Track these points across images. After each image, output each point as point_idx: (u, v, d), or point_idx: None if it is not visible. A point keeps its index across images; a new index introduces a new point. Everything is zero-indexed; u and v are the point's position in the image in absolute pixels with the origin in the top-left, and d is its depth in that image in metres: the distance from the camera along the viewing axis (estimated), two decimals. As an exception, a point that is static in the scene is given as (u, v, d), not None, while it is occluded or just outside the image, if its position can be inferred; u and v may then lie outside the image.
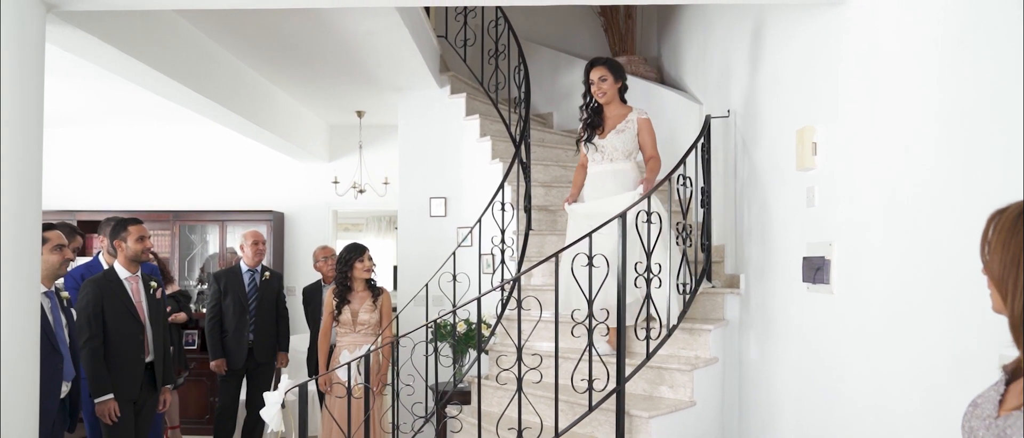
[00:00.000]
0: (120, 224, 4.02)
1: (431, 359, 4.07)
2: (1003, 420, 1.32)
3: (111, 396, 3.85)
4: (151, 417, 4.24)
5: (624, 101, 4.10)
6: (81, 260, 6.91)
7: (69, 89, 5.81)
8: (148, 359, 4.08)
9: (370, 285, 4.58)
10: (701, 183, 3.97)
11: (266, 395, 3.26)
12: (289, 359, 5.75)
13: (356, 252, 4.54)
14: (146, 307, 4.08)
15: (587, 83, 4.05)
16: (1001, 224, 1.33)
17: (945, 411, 2.18)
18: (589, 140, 4.09)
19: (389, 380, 4.28)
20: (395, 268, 11.82)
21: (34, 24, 2.82)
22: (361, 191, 7.32)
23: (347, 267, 4.50)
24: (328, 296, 4.63)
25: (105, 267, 4.41)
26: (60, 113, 6.63)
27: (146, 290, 4.09)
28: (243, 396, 5.58)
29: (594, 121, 4.09)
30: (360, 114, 6.95)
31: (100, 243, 4.70)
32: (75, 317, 3.89)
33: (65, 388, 3.71)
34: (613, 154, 4.02)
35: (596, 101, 4.05)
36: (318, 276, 5.82)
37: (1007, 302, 1.32)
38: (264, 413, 3.22)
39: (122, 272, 4.00)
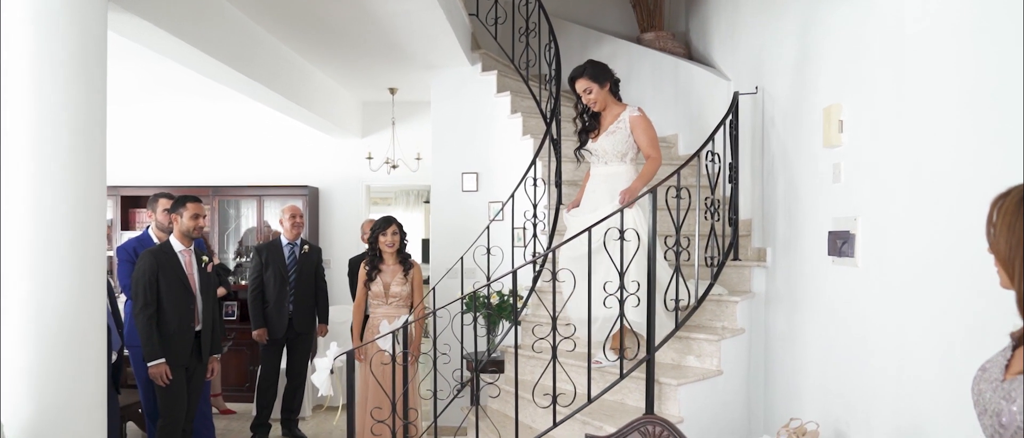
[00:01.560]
0: (179, 201, 4.24)
1: (467, 329, 4.23)
2: (1008, 383, 1.44)
3: (163, 360, 4.08)
4: (201, 383, 4.48)
5: (619, 99, 4.05)
6: (127, 234, 7.21)
7: (112, 69, 5.99)
8: (197, 328, 4.31)
9: (402, 258, 4.71)
10: (729, 159, 4.07)
11: (317, 361, 3.45)
12: (328, 329, 5.98)
13: (382, 226, 4.67)
14: (197, 279, 4.30)
15: (576, 95, 4.00)
16: (1005, 207, 1.43)
17: (961, 375, 2.30)
18: (583, 145, 4.07)
19: (426, 349, 4.47)
20: (424, 241, 12.09)
21: (97, 10, 2.99)
22: (394, 166, 7.48)
23: (375, 239, 4.66)
24: (361, 269, 4.80)
25: (155, 241, 4.64)
26: (104, 92, 6.84)
27: (198, 264, 4.31)
28: (283, 365, 5.82)
29: (591, 125, 4.03)
30: (393, 91, 7.09)
31: (149, 217, 4.91)
32: (130, 287, 4.13)
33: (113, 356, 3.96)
34: (605, 156, 3.97)
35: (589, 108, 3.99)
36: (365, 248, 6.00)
37: (1014, 280, 1.43)
38: (315, 378, 3.42)
39: (177, 245, 4.22)
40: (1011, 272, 1.43)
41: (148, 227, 4.88)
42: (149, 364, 4.08)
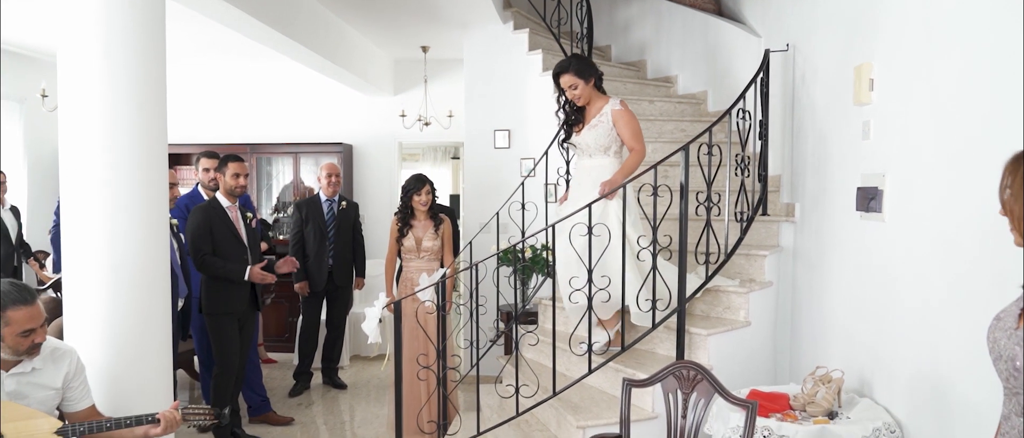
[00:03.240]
0: (223, 160, 4.43)
1: (502, 282, 4.40)
2: (1021, 331, 1.57)
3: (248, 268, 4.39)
4: (251, 333, 4.72)
5: (603, 92, 4.03)
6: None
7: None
8: (247, 276, 4.52)
9: (433, 213, 4.85)
10: (759, 116, 4.15)
11: (367, 310, 3.65)
12: (365, 282, 6.19)
13: (416, 185, 4.77)
14: (244, 234, 4.50)
15: (559, 89, 4.00)
16: (1020, 170, 1.53)
17: (981, 324, 2.41)
18: (567, 138, 4.09)
19: (464, 301, 4.65)
20: (452, 197, 12.26)
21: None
22: (426, 124, 7.61)
23: (408, 197, 4.80)
24: (392, 223, 4.95)
25: (204, 197, 4.85)
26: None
27: (243, 219, 4.51)
28: (323, 316, 6.06)
29: (575, 118, 4.03)
30: (425, 49, 7.18)
31: (195, 175, 5.11)
32: (185, 241, 4.35)
33: (179, 303, 4.20)
34: (589, 150, 3.97)
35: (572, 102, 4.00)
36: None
37: (1022, 233, 1.53)
38: (364, 326, 3.62)
39: (224, 202, 4.42)
40: (1021, 228, 1.53)
41: (197, 184, 5.08)
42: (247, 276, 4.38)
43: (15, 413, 2.45)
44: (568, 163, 4.81)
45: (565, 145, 4.14)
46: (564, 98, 4.01)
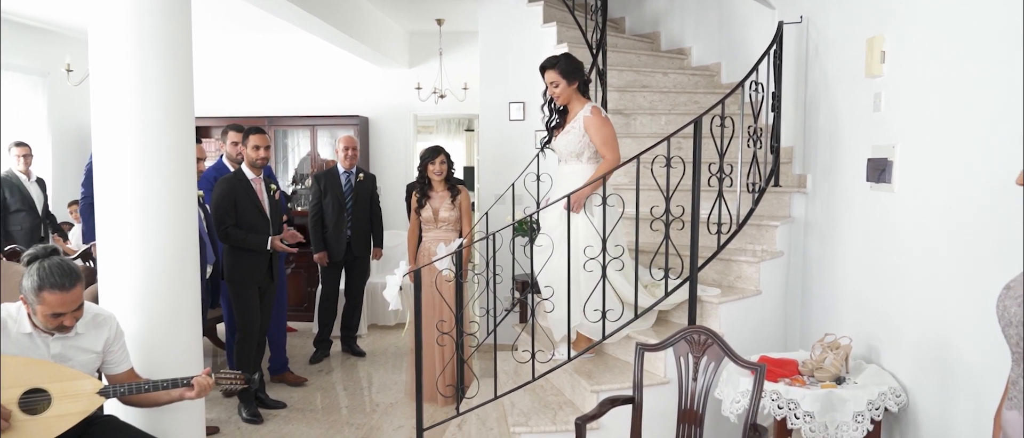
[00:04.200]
0: (246, 133, 4.54)
1: (518, 252, 4.50)
2: None
3: (270, 236, 4.55)
4: (272, 301, 4.86)
5: (586, 96, 3.99)
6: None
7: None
8: (269, 245, 4.65)
9: (449, 184, 4.94)
10: (772, 88, 4.20)
11: (387, 278, 3.77)
12: (382, 253, 6.32)
13: (430, 155, 4.87)
14: (267, 205, 4.62)
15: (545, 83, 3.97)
16: None
17: (986, 292, 2.51)
18: (549, 141, 4.06)
19: (480, 270, 4.76)
20: (466, 169, 12.36)
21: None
22: (442, 96, 7.68)
23: (424, 167, 4.90)
24: (413, 195, 5.06)
25: (230, 169, 4.96)
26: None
27: (267, 190, 4.63)
28: (342, 286, 6.20)
29: (560, 121, 4.00)
30: (440, 22, 7.24)
31: (219, 147, 5.22)
32: (210, 211, 4.48)
33: (208, 270, 4.33)
34: (562, 155, 3.96)
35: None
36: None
37: None
38: (386, 293, 3.74)
39: (248, 173, 4.54)
40: None
41: (222, 156, 5.20)
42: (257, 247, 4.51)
43: (61, 374, 2.58)
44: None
45: (546, 149, 4.09)
46: (548, 97, 3.99)
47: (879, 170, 3.31)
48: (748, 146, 4.09)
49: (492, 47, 6.25)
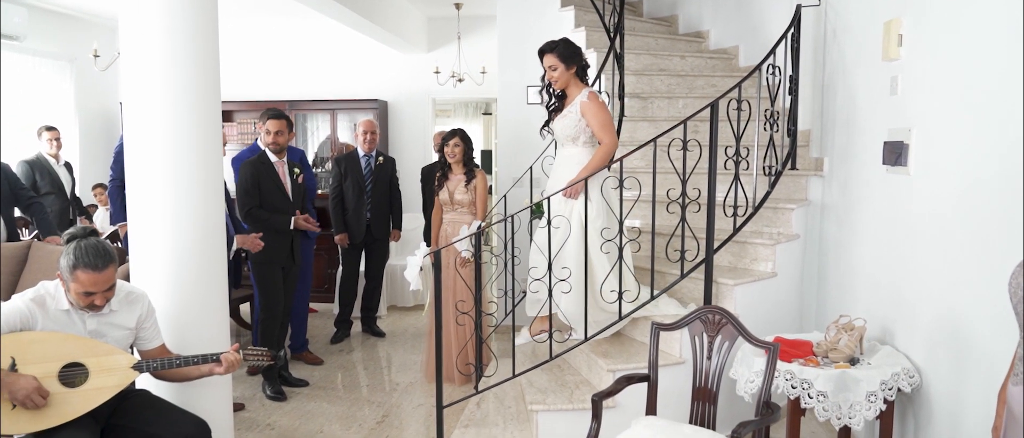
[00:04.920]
0: (262, 117, 4.63)
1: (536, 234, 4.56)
2: None
3: (260, 234, 4.57)
4: (294, 281, 4.96)
5: (584, 81, 4.03)
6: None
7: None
8: (293, 225, 4.75)
9: (467, 167, 5.01)
10: (790, 72, 4.21)
11: (409, 258, 3.85)
12: (401, 235, 6.40)
13: (447, 138, 4.97)
14: (290, 188, 4.72)
15: (544, 67, 4.00)
16: None
17: (998, 272, 2.54)
18: (548, 123, 4.11)
19: (498, 252, 4.83)
20: (483, 152, 12.41)
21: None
22: (460, 80, 7.74)
23: (441, 150, 4.99)
24: (437, 177, 5.13)
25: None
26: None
27: (290, 173, 4.72)
28: (362, 267, 6.30)
29: (559, 105, 4.03)
30: (458, 6, 7.28)
31: (259, 129, 5.27)
32: (235, 192, 4.59)
33: (231, 251, 4.44)
34: (560, 139, 4.02)
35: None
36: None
37: None
38: (407, 273, 3.83)
39: (272, 156, 4.64)
40: None
41: (257, 139, 5.29)
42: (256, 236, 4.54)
43: (97, 349, 2.69)
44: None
45: (544, 131, 4.17)
46: (548, 79, 4.02)
47: (895, 153, 3.33)
48: (765, 129, 4.12)
49: (510, 31, 6.28)
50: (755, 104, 4.03)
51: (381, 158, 6.10)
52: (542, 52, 3.97)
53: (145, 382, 3.08)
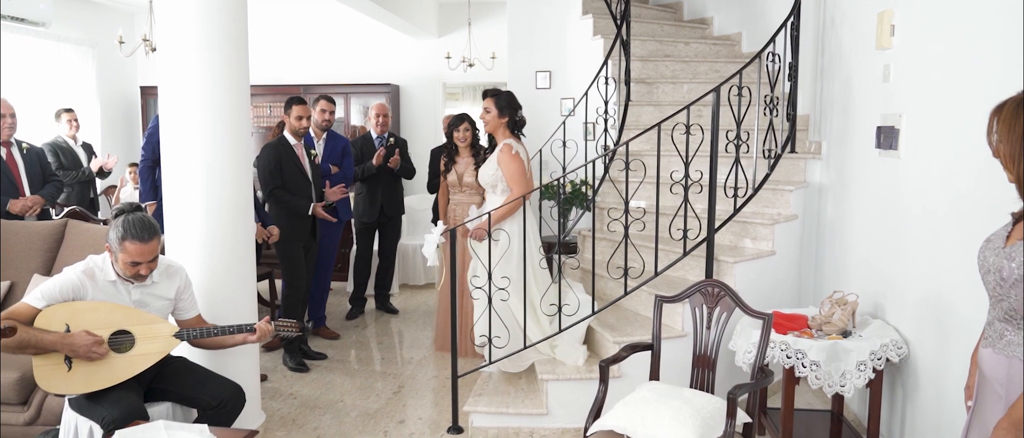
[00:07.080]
0: (288, 103, 4.83)
1: (545, 214, 4.76)
2: (1008, 248, 1.85)
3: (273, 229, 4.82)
4: (314, 258, 5.18)
5: (515, 135, 4.41)
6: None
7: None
8: (310, 211, 4.96)
9: (474, 152, 5.19)
10: (789, 59, 4.38)
11: (426, 236, 4.06)
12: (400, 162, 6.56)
13: (456, 122, 5.16)
14: (309, 168, 4.93)
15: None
16: (1004, 114, 1.77)
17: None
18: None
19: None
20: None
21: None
22: (470, 65, 7.90)
23: (450, 134, 5.17)
24: (442, 160, 5.33)
25: (312, 135, 5.27)
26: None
27: (308, 156, 4.93)
28: (375, 246, 6.51)
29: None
30: (468, -8, 7.43)
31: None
32: (258, 175, 4.80)
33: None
34: (485, 184, 4.47)
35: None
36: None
37: (1013, 171, 1.78)
38: (425, 250, 4.04)
39: (291, 139, 4.84)
40: (1012, 167, 1.76)
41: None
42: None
43: (142, 318, 2.91)
44: (606, 102, 5.10)
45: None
46: (481, 117, 4.39)
47: (887, 138, 3.51)
48: (765, 114, 4.29)
49: (520, 17, 6.44)
50: (755, 90, 4.20)
51: (392, 138, 6.28)
52: (485, 94, 4.41)
53: (181, 349, 3.30)
